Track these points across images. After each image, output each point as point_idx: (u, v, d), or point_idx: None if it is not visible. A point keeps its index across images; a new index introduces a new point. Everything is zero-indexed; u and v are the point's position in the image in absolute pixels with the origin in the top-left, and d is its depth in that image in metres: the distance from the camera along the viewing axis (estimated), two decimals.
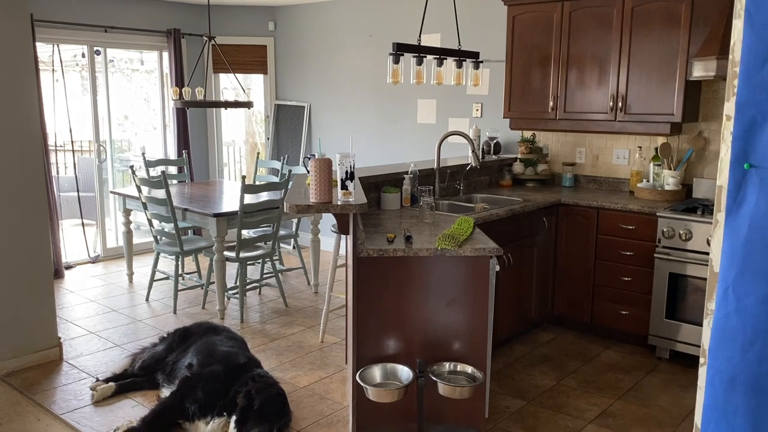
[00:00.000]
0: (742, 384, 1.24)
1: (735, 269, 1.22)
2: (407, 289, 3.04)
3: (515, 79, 4.93)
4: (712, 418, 1.28)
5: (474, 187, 4.83)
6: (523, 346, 4.37)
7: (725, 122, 1.22)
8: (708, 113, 4.43)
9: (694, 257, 3.91)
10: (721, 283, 1.24)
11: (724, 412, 1.26)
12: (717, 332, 1.26)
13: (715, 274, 1.27)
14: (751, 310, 1.20)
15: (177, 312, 5.02)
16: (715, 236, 1.26)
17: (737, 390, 1.25)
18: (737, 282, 1.22)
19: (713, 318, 1.27)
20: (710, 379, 1.28)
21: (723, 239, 1.24)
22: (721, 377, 1.26)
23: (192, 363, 3.46)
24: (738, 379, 1.24)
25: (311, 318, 4.93)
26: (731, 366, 1.25)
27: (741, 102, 1.17)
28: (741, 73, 1.17)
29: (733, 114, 1.20)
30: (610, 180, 4.93)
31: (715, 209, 1.27)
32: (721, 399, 1.27)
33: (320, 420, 3.36)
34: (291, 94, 7.07)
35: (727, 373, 1.26)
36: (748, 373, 1.23)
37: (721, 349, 1.26)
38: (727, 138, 1.21)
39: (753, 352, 1.22)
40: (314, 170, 2.90)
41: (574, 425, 3.33)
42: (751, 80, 1.16)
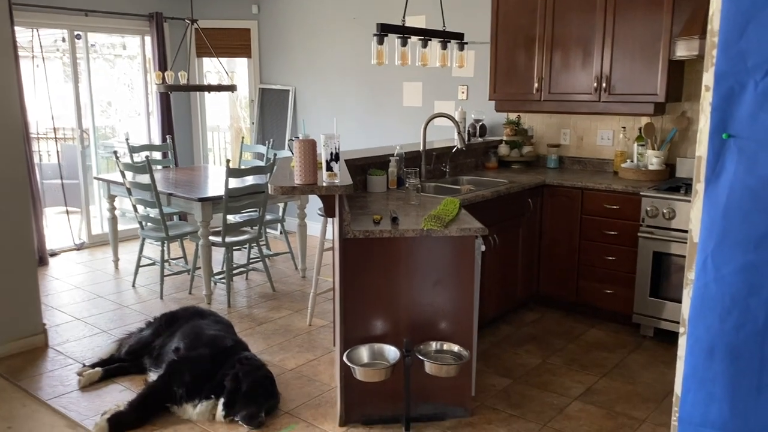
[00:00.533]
0: (720, 352, 1.26)
1: (714, 239, 1.23)
2: (393, 270, 3.05)
3: (500, 61, 4.92)
4: (691, 386, 1.30)
5: (460, 169, 4.84)
6: (509, 326, 4.40)
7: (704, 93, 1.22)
8: (691, 93, 4.45)
9: (677, 236, 3.95)
10: (700, 253, 1.26)
11: (702, 379, 1.28)
12: (696, 301, 1.27)
13: (694, 244, 1.28)
14: (730, 278, 1.22)
15: (163, 297, 5.00)
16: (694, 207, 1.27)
17: (715, 358, 1.27)
18: (716, 251, 1.23)
19: (693, 288, 1.28)
20: (690, 348, 1.30)
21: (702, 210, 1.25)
22: (700, 346, 1.28)
23: (179, 347, 3.45)
24: (716, 347, 1.26)
25: (299, 302, 4.93)
26: (710, 334, 1.27)
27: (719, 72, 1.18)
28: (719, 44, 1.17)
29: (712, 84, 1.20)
30: (595, 161, 4.96)
31: (694, 180, 1.28)
32: (701, 367, 1.29)
33: (308, 401, 3.38)
34: (275, 78, 7.02)
35: (705, 341, 1.28)
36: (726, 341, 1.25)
37: (700, 318, 1.27)
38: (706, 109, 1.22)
39: (731, 320, 1.24)
40: (298, 152, 2.89)
41: (560, 402, 3.37)
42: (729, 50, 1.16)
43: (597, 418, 3.21)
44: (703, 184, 1.25)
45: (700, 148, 1.25)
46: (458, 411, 3.21)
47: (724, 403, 1.26)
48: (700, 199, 1.26)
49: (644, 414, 3.25)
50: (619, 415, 3.24)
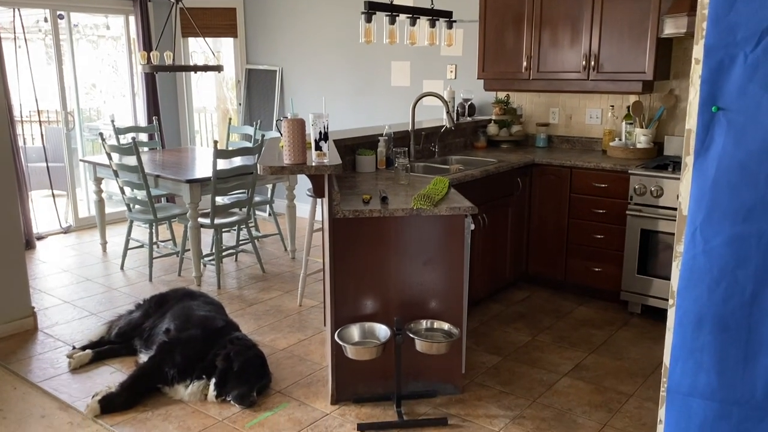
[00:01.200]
0: (708, 323, 1.28)
1: (703, 211, 1.24)
2: (383, 249, 3.06)
3: (489, 40, 4.90)
4: (680, 357, 1.32)
5: (449, 149, 4.83)
6: (498, 305, 4.43)
7: (694, 66, 1.23)
8: (679, 71, 4.46)
9: (665, 213, 3.98)
10: (689, 225, 1.27)
11: (691, 350, 1.30)
12: (685, 273, 1.29)
13: (683, 217, 1.29)
14: (718, 250, 1.23)
15: (153, 280, 4.99)
16: (683, 179, 1.28)
17: (704, 328, 1.29)
18: (705, 224, 1.25)
19: (681, 260, 1.30)
20: (678, 320, 1.32)
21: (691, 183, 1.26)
22: (688, 317, 1.30)
23: (169, 328, 3.45)
24: (705, 318, 1.28)
25: (289, 283, 4.94)
26: (698, 306, 1.28)
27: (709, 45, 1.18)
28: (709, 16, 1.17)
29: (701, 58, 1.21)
30: (583, 139, 4.97)
31: (683, 153, 1.29)
32: (689, 338, 1.30)
33: (300, 380, 3.39)
34: (262, 58, 6.96)
35: (694, 312, 1.29)
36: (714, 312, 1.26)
37: (688, 289, 1.29)
38: (696, 81, 1.22)
39: (719, 291, 1.25)
40: (287, 131, 2.87)
41: (549, 378, 3.41)
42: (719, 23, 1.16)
43: (585, 394, 3.25)
44: (692, 157, 1.25)
45: (689, 122, 1.26)
46: (449, 388, 3.24)
47: (711, 372, 1.28)
48: (690, 172, 1.26)
49: (632, 389, 3.30)
50: (608, 390, 3.28)
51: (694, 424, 1.29)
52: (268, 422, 3.00)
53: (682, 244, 1.31)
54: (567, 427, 2.95)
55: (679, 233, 1.31)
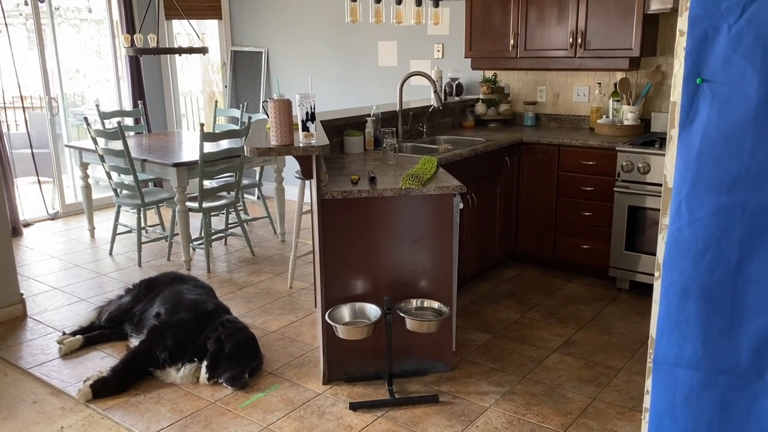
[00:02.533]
0: (694, 293, 1.29)
1: (688, 183, 1.25)
2: (373, 229, 3.06)
3: (475, 18, 4.88)
4: (666, 328, 1.33)
5: (437, 129, 4.82)
6: (487, 283, 4.46)
7: (678, 38, 1.23)
8: (665, 47, 4.46)
9: (652, 190, 4.00)
10: (674, 197, 1.28)
11: (677, 321, 1.32)
12: (671, 245, 1.30)
13: (669, 189, 1.30)
14: (703, 222, 1.24)
15: (142, 265, 4.97)
16: (669, 152, 1.28)
17: (689, 299, 1.30)
18: (690, 195, 1.25)
19: (667, 232, 1.31)
20: (664, 291, 1.33)
21: (676, 155, 1.27)
22: (674, 288, 1.31)
23: (160, 312, 3.45)
24: (690, 289, 1.29)
25: (279, 265, 4.93)
26: (684, 277, 1.30)
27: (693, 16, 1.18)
28: None
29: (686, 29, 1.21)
30: (571, 117, 4.97)
31: (668, 125, 1.29)
32: (675, 309, 1.32)
33: (291, 361, 3.41)
34: (248, 40, 6.89)
35: (679, 284, 1.30)
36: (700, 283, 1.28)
37: (674, 261, 1.30)
38: (680, 54, 1.23)
39: (704, 262, 1.26)
40: (274, 112, 2.85)
41: (538, 355, 3.44)
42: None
43: (575, 369, 3.29)
44: (677, 129, 1.26)
45: (674, 94, 1.26)
46: (439, 366, 3.27)
47: (697, 343, 1.30)
48: (675, 144, 1.27)
49: (620, 363, 3.34)
50: (596, 365, 3.32)
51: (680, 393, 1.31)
52: (260, 403, 3.02)
53: (667, 217, 1.32)
54: (557, 402, 2.98)
55: (665, 206, 1.32)
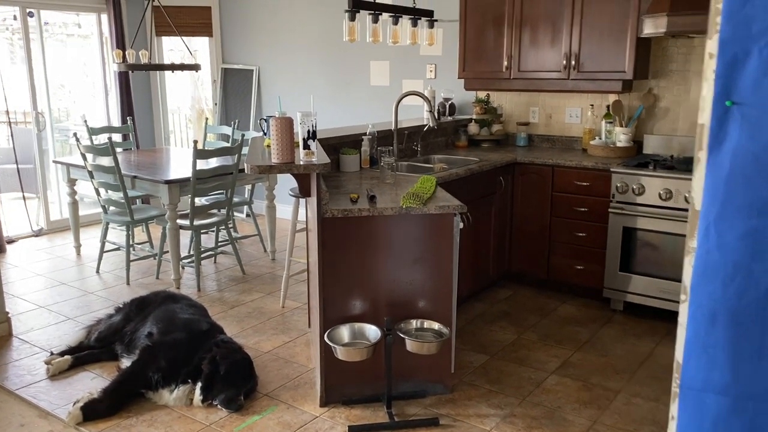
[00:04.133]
0: (722, 318, 1.28)
1: (717, 206, 1.24)
2: (372, 248, 3.03)
3: (469, 39, 4.91)
4: (693, 353, 1.32)
5: (431, 148, 4.82)
6: (482, 304, 4.43)
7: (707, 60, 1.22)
8: (658, 70, 4.52)
9: (646, 211, 4.02)
10: (702, 220, 1.27)
11: (704, 346, 1.30)
12: (699, 269, 1.29)
13: (696, 212, 1.29)
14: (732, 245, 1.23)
15: (130, 283, 4.88)
16: (696, 174, 1.28)
17: (718, 324, 1.29)
18: (719, 218, 1.24)
19: (694, 255, 1.29)
20: (692, 315, 1.31)
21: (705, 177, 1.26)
22: (702, 312, 1.30)
23: (152, 332, 3.37)
24: (719, 313, 1.28)
25: (270, 284, 4.87)
26: (712, 301, 1.28)
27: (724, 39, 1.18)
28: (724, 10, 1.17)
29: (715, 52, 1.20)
30: (563, 138, 5.00)
31: (696, 148, 1.28)
32: (703, 334, 1.30)
33: (286, 383, 3.34)
34: (239, 57, 6.87)
35: (707, 308, 1.29)
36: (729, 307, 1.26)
37: (702, 285, 1.29)
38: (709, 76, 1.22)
39: (734, 286, 1.25)
40: (275, 130, 2.83)
41: (537, 376, 3.42)
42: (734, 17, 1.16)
43: (574, 391, 3.26)
44: (705, 151, 1.25)
45: (702, 117, 1.26)
46: (438, 388, 3.23)
47: (726, 368, 1.28)
48: (703, 166, 1.26)
49: (619, 385, 3.32)
50: (595, 387, 3.30)
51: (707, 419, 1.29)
52: (256, 426, 2.95)
53: (694, 240, 1.30)
54: (558, 425, 2.95)
55: (692, 228, 1.31)
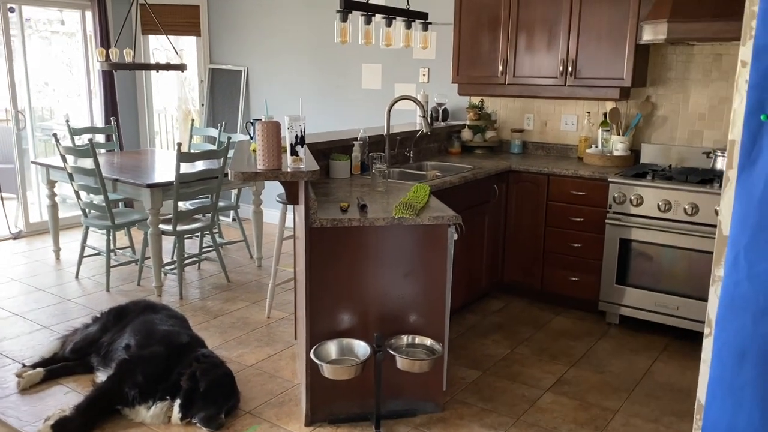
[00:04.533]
0: (752, 356, 1.15)
1: (748, 232, 1.12)
2: (362, 260, 2.89)
3: (464, 43, 4.78)
4: (717, 394, 1.19)
5: (423, 154, 4.69)
6: (474, 315, 4.30)
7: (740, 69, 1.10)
8: (656, 78, 4.41)
9: (645, 222, 3.91)
10: (731, 247, 1.14)
11: (731, 386, 1.17)
12: (726, 301, 1.16)
13: (724, 237, 1.16)
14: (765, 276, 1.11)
15: (110, 290, 4.70)
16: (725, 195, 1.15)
17: (747, 363, 1.16)
18: (750, 246, 1.12)
19: (721, 285, 1.17)
20: (717, 352, 1.19)
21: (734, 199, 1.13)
22: (729, 350, 1.17)
23: (130, 344, 3.21)
24: (748, 351, 1.15)
25: (255, 293, 4.72)
26: (741, 337, 1.16)
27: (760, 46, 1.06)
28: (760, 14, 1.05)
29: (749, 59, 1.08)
30: (558, 146, 4.89)
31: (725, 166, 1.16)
32: (729, 373, 1.17)
33: (270, 399, 3.19)
34: (227, 58, 6.71)
35: (735, 345, 1.16)
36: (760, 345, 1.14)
37: (730, 319, 1.16)
38: (742, 87, 1.10)
39: (765, 322, 1.13)
40: (261, 135, 2.68)
41: (531, 394, 3.29)
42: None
43: (570, 410, 3.13)
44: (736, 170, 1.13)
45: (733, 132, 1.13)
46: (429, 406, 3.09)
47: (754, 410, 1.16)
48: (733, 187, 1.14)
49: (617, 404, 3.20)
50: (592, 406, 3.17)
51: None
52: None
53: (721, 268, 1.18)
54: None
55: (719, 255, 1.18)
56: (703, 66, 4.25)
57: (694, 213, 3.73)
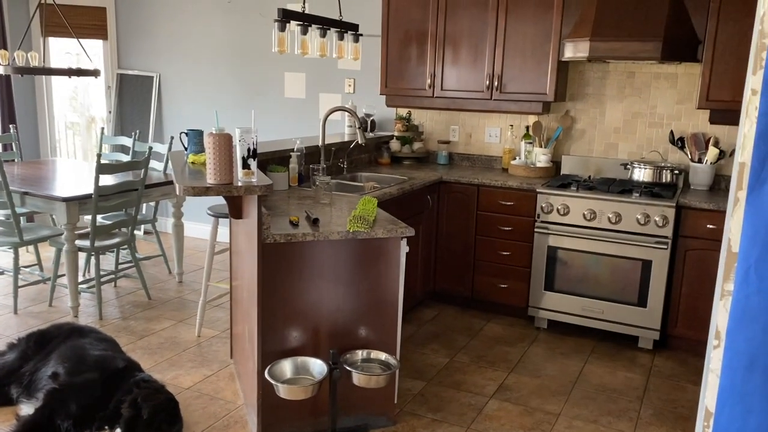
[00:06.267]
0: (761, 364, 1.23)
1: (758, 248, 1.20)
2: (314, 275, 2.84)
3: (392, 55, 4.83)
4: (728, 402, 1.26)
5: (355, 165, 4.68)
6: (410, 325, 4.33)
7: (750, 97, 1.18)
8: (574, 93, 4.65)
9: (571, 231, 4.09)
10: (741, 263, 1.22)
11: (741, 394, 1.25)
12: (736, 313, 1.24)
13: (733, 254, 1.24)
14: None
15: (18, 312, 4.34)
16: (734, 215, 1.23)
17: (756, 371, 1.24)
18: (760, 261, 1.20)
19: (732, 299, 1.24)
20: (727, 362, 1.26)
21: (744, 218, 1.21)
22: (739, 359, 1.25)
23: (57, 372, 2.97)
24: (758, 359, 1.23)
25: (179, 311, 4.51)
26: (752, 347, 1.23)
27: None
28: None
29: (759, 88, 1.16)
30: (483, 158, 5.03)
31: (734, 187, 1.24)
32: (739, 381, 1.25)
33: (215, 423, 3.06)
34: (137, 63, 6.40)
35: (746, 354, 1.24)
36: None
37: (740, 330, 1.24)
38: (752, 113, 1.18)
39: None
40: (212, 147, 2.58)
41: (477, 402, 3.35)
42: None
43: (516, 416, 3.22)
44: (745, 191, 1.20)
45: (742, 155, 1.21)
46: (381, 421, 3.07)
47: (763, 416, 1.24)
48: (742, 207, 1.21)
49: (557, 407, 3.32)
50: (536, 411, 3.28)
51: None
52: None
53: (730, 283, 1.25)
54: None
55: (728, 270, 1.25)
56: (618, 82, 4.52)
57: (617, 221, 3.95)
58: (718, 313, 1.27)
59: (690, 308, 3.91)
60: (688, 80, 4.32)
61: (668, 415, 3.29)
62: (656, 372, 3.77)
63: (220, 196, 2.74)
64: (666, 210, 3.84)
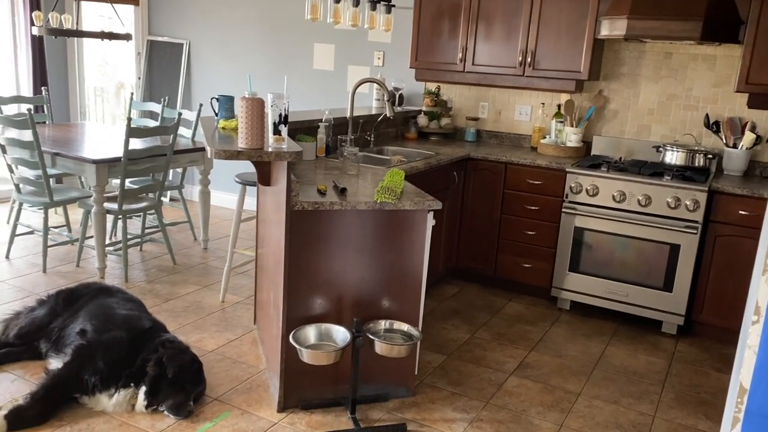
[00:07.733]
0: None
1: None
2: (340, 244, 2.84)
3: (423, 28, 4.77)
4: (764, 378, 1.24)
5: (382, 139, 4.66)
6: (431, 300, 4.33)
7: None
8: (609, 73, 4.56)
9: (600, 212, 4.05)
10: None
11: None
12: None
13: None
14: None
15: (47, 271, 4.42)
16: None
17: None
18: None
19: None
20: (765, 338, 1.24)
21: None
22: None
23: (85, 329, 3.02)
24: None
25: (204, 276, 4.56)
26: None
27: None
28: None
29: None
30: (512, 135, 4.98)
31: None
32: None
33: (237, 386, 3.10)
34: (167, 30, 6.41)
35: None
36: None
37: None
38: None
39: None
40: (245, 112, 2.58)
41: (497, 378, 3.35)
42: None
43: (535, 393, 3.22)
44: None
45: None
46: (401, 391, 3.09)
47: None
48: None
49: (578, 387, 3.31)
50: (555, 389, 3.27)
51: None
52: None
53: None
54: (526, 430, 2.89)
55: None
56: (654, 63, 4.43)
57: (647, 204, 3.90)
58: (759, 288, 1.24)
59: (717, 295, 3.86)
60: (726, 63, 4.22)
61: (690, 399, 3.27)
62: (679, 357, 3.74)
63: (248, 162, 2.75)
64: (698, 194, 3.77)
